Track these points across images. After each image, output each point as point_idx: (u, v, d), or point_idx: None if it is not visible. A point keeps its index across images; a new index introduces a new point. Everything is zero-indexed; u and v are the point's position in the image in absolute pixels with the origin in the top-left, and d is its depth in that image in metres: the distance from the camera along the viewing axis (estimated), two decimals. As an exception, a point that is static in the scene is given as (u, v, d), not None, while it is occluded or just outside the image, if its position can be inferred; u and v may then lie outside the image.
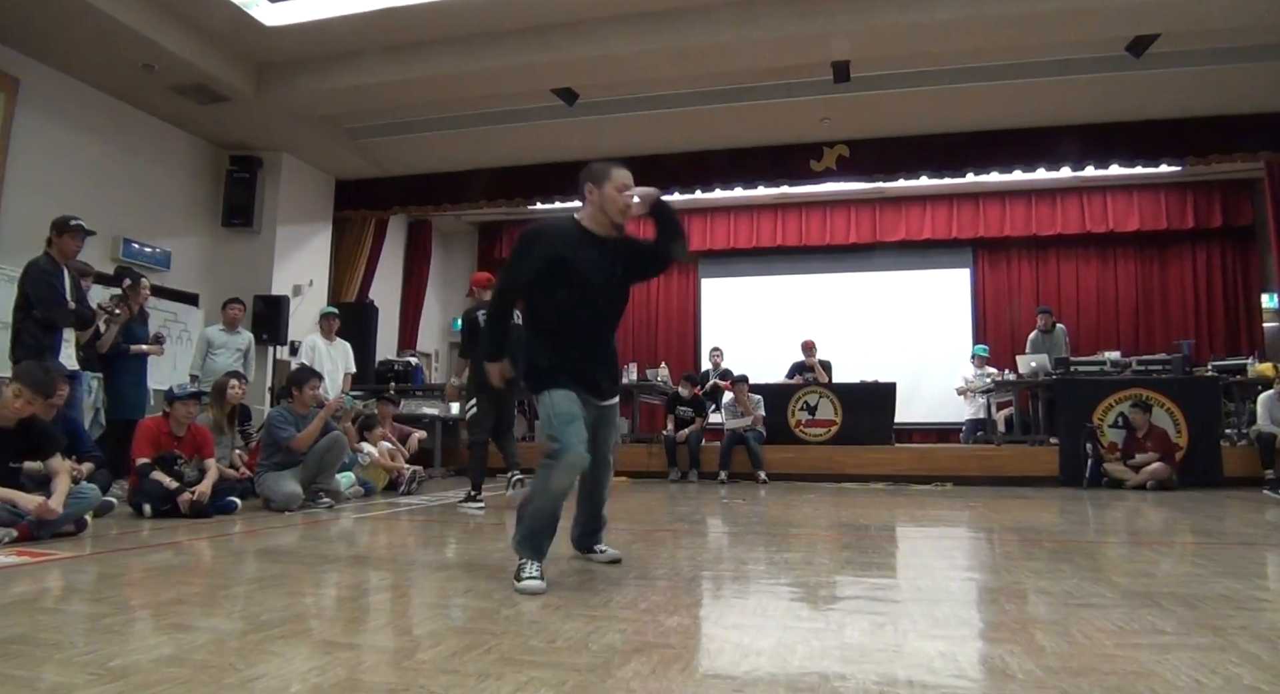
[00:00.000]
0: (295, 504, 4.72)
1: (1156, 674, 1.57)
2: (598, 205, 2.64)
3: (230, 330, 6.60)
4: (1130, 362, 7.73)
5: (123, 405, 5.56)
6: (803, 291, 11.20)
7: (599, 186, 2.63)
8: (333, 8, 6.38)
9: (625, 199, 2.62)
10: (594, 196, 2.65)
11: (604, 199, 2.62)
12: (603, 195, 2.62)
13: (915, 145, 8.35)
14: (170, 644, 1.78)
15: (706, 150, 8.75)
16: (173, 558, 3.13)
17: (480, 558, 3.11)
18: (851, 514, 4.82)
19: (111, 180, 7.22)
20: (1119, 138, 8.00)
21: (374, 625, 2.04)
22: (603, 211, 2.64)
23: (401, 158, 9.20)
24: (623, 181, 2.64)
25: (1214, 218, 9.83)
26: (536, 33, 6.68)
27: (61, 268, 4.78)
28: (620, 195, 2.62)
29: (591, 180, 2.66)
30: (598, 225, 2.67)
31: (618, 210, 2.62)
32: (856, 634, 1.91)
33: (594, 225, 2.68)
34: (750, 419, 7.89)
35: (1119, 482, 6.62)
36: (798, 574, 2.77)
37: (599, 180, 2.64)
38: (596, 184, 2.64)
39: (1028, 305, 10.34)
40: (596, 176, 2.65)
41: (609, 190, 2.62)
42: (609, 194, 2.62)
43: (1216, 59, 6.83)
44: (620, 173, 2.65)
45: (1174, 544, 3.77)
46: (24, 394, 3.46)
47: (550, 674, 1.57)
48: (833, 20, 6.21)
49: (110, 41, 6.25)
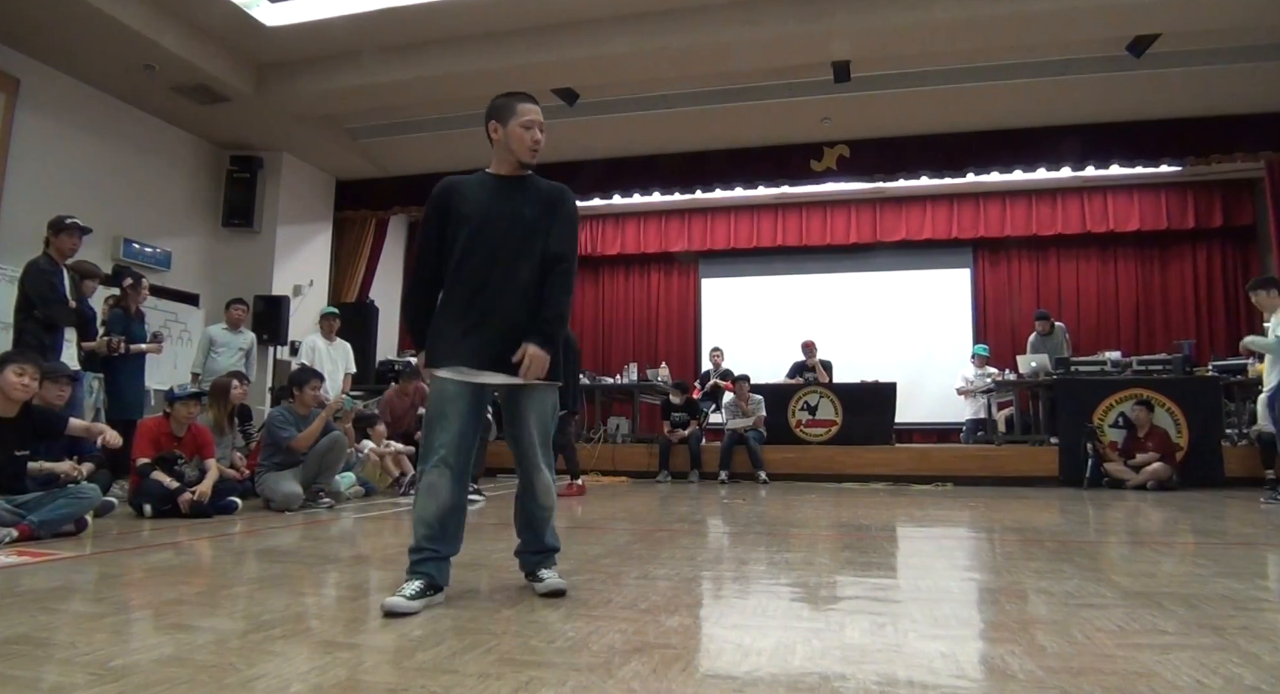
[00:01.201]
0: (295, 504, 4.72)
1: (1157, 674, 1.57)
2: (503, 143, 2.37)
3: (233, 330, 6.62)
4: (1131, 361, 7.73)
5: (122, 405, 5.56)
6: (803, 291, 11.20)
7: (503, 124, 2.36)
8: (333, 8, 6.38)
9: (534, 135, 2.36)
10: (498, 134, 2.37)
11: (509, 135, 2.35)
12: (507, 133, 2.36)
13: (915, 145, 8.35)
14: (171, 644, 1.78)
15: (706, 150, 8.75)
16: (173, 558, 3.13)
17: (480, 558, 3.10)
18: (852, 514, 4.81)
19: (111, 180, 7.23)
20: (1119, 138, 8.00)
21: (374, 625, 2.04)
22: (509, 150, 2.37)
23: (401, 158, 9.20)
24: (530, 116, 2.36)
25: (1214, 218, 9.83)
26: (536, 33, 6.68)
27: (61, 267, 4.79)
28: (526, 132, 2.35)
29: (495, 117, 2.38)
30: (505, 167, 2.40)
31: (524, 148, 2.36)
32: (857, 634, 1.91)
33: (499, 169, 2.41)
34: (751, 419, 7.89)
35: (1119, 482, 6.62)
36: (798, 574, 2.77)
37: (504, 117, 2.36)
38: (501, 121, 2.36)
39: (1028, 305, 10.34)
40: (500, 113, 2.37)
41: (514, 126, 2.35)
42: (513, 130, 2.35)
43: (1216, 59, 6.83)
44: (527, 106, 2.38)
45: (1175, 544, 3.77)
46: (27, 371, 3.47)
47: (550, 674, 1.57)
48: (833, 20, 6.22)
49: (110, 41, 6.26)
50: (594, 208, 10.75)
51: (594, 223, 11.54)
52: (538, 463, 2.35)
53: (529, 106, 2.38)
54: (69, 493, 3.52)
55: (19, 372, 3.45)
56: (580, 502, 5.63)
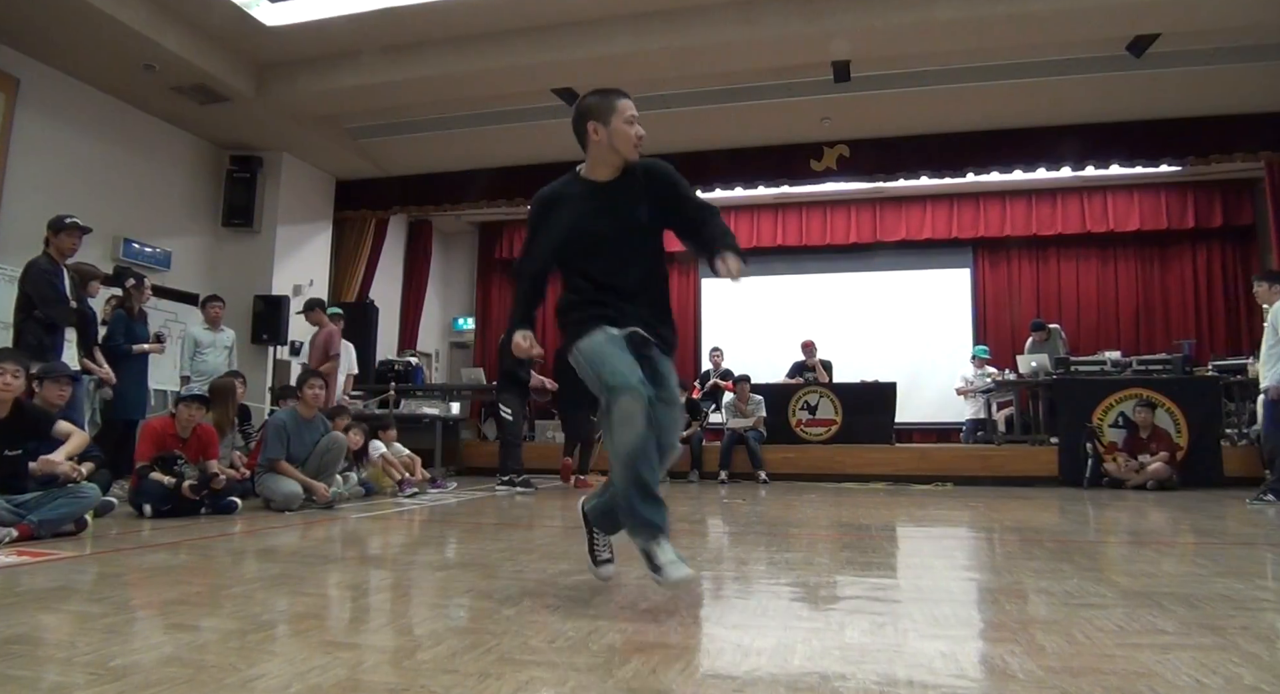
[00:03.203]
0: (295, 504, 4.72)
1: (1157, 674, 1.57)
2: (605, 144, 2.28)
3: (214, 329, 6.59)
4: (1131, 361, 7.73)
5: (123, 405, 5.57)
6: (803, 291, 11.20)
7: (605, 123, 2.27)
8: (333, 8, 6.38)
9: (636, 130, 2.28)
10: (599, 135, 2.28)
11: (613, 135, 2.27)
12: (610, 131, 2.27)
13: (915, 145, 8.35)
14: (171, 644, 1.78)
15: (706, 150, 8.75)
16: (173, 558, 3.13)
17: (480, 558, 3.10)
18: (852, 514, 4.81)
19: (111, 180, 7.22)
20: (1119, 138, 8.00)
21: (374, 625, 2.04)
22: (614, 150, 2.29)
23: (401, 158, 9.20)
24: (630, 112, 2.29)
25: (1214, 217, 9.83)
26: (536, 33, 6.68)
27: (61, 267, 4.79)
28: (630, 128, 2.27)
29: (595, 117, 2.28)
30: (606, 168, 2.34)
31: (630, 145, 2.28)
32: (857, 634, 1.91)
33: (598, 172, 2.35)
34: (751, 419, 7.90)
35: (1119, 482, 6.62)
36: (798, 574, 2.77)
37: (604, 115, 2.27)
38: (602, 121, 2.27)
39: (1028, 305, 10.35)
40: (599, 112, 2.28)
41: (618, 124, 2.26)
42: (618, 128, 2.26)
43: (1217, 59, 6.82)
44: (625, 102, 2.29)
45: (1175, 544, 3.77)
46: (8, 370, 3.44)
47: (550, 674, 1.56)
48: (833, 20, 6.22)
49: (110, 41, 6.25)
50: (594, 208, 10.73)
51: (594, 223, 11.52)
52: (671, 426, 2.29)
53: (627, 102, 2.30)
54: (69, 493, 3.52)
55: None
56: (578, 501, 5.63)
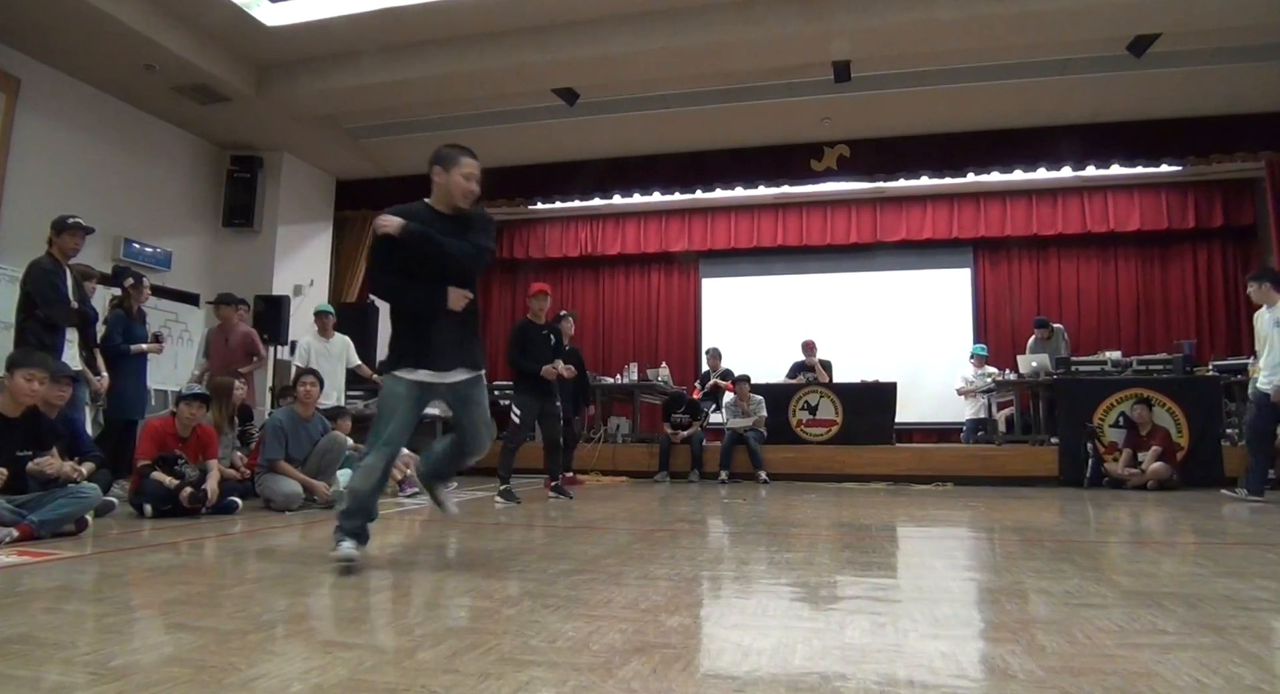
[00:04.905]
0: (295, 504, 4.73)
1: (1158, 674, 1.57)
2: (444, 187, 2.85)
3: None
4: (1131, 361, 7.73)
5: (123, 405, 5.56)
6: (803, 291, 11.19)
7: (446, 170, 2.83)
8: (333, 8, 6.38)
9: (468, 185, 2.84)
10: (440, 178, 2.84)
11: (450, 182, 2.83)
12: (449, 179, 2.83)
13: (915, 145, 8.35)
14: (171, 644, 1.78)
15: (706, 150, 8.75)
16: (173, 558, 3.13)
17: (480, 558, 3.10)
18: (852, 514, 4.81)
19: (111, 180, 7.23)
20: (1119, 138, 8.00)
21: (374, 625, 2.04)
22: (448, 193, 2.85)
23: (401, 158, 9.19)
24: (469, 170, 2.85)
25: (1215, 217, 9.81)
26: (536, 33, 6.68)
27: (63, 267, 4.79)
28: (465, 182, 2.83)
29: (440, 163, 2.85)
30: (442, 205, 2.88)
31: (461, 194, 2.84)
32: (857, 634, 1.91)
33: (439, 205, 2.88)
34: (751, 419, 7.89)
35: (1119, 481, 6.62)
36: (798, 574, 2.77)
37: (447, 165, 2.83)
38: (445, 168, 2.83)
39: (1028, 305, 10.34)
40: (445, 160, 2.84)
41: (455, 176, 2.82)
42: (455, 179, 2.82)
43: (1217, 59, 6.83)
44: (469, 161, 2.86)
45: (1175, 544, 3.77)
46: (36, 376, 3.56)
47: (551, 674, 1.57)
48: (833, 20, 6.22)
49: (110, 41, 6.26)
50: (594, 208, 10.73)
51: (594, 223, 11.53)
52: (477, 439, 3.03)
53: (470, 162, 2.86)
54: (69, 493, 3.52)
55: (28, 377, 3.54)
56: (581, 502, 5.63)
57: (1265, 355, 5.57)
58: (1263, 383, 5.54)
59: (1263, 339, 5.64)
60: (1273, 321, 5.52)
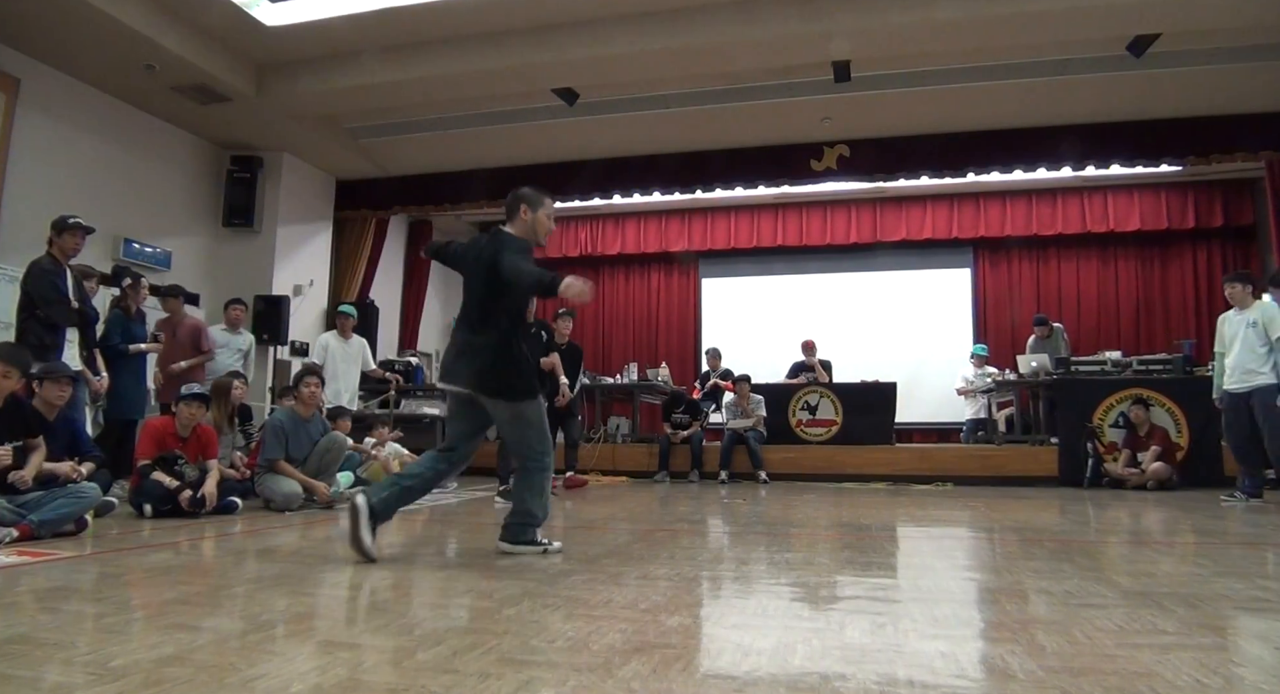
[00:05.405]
0: (295, 504, 4.72)
1: (1157, 674, 1.57)
2: (529, 224, 3.14)
3: (232, 331, 6.63)
4: (1131, 361, 7.73)
5: (123, 405, 5.56)
6: (803, 291, 11.20)
7: (533, 210, 3.14)
8: (333, 8, 6.38)
9: (551, 224, 3.21)
10: (526, 216, 3.14)
11: (536, 221, 3.15)
12: (535, 218, 3.15)
13: (915, 145, 8.34)
14: (171, 644, 1.78)
15: (706, 150, 8.74)
16: (173, 558, 3.13)
17: (480, 558, 3.10)
18: (852, 514, 4.82)
19: (111, 180, 7.22)
20: (1119, 138, 7.99)
21: (374, 625, 2.04)
22: (533, 231, 3.15)
23: (401, 158, 9.20)
24: (552, 210, 3.22)
25: (1215, 217, 9.82)
26: (536, 33, 6.67)
27: (64, 267, 4.79)
28: (548, 221, 3.19)
29: (527, 203, 3.14)
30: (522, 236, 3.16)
31: (544, 232, 3.19)
32: (857, 634, 1.91)
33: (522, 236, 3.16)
34: (751, 419, 7.89)
35: (1119, 481, 6.62)
36: (798, 574, 2.77)
37: (534, 205, 3.15)
38: (531, 207, 3.14)
39: (1028, 305, 10.34)
40: (533, 202, 3.15)
41: (541, 215, 3.15)
42: (540, 219, 3.16)
43: (1217, 59, 6.82)
44: (550, 202, 3.21)
45: (1175, 544, 3.77)
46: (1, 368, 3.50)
47: (551, 674, 1.57)
48: (833, 20, 6.21)
49: (110, 41, 6.25)
50: (594, 208, 10.73)
51: (594, 223, 11.54)
52: None
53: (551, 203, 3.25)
54: (69, 492, 3.52)
55: (5, 374, 3.49)
56: (581, 502, 5.63)
57: (1234, 355, 5.57)
58: (1233, 383, 5.54)
59: (1229, 341, 5.65)
60: (1245, 323, 5.53)
